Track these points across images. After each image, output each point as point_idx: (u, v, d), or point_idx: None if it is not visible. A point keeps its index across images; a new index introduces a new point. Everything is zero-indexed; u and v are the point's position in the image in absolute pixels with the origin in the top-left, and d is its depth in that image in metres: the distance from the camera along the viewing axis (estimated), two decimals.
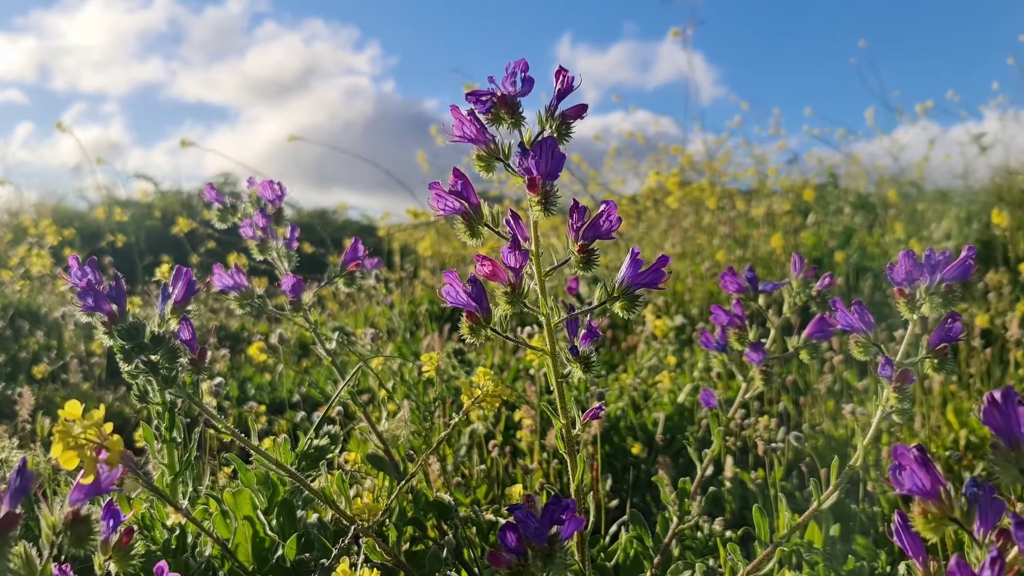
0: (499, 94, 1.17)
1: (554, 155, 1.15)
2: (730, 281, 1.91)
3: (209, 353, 1.64)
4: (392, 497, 1.67)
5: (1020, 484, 0.87)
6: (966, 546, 0.89)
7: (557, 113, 1.19)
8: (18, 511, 0.94)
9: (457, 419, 1.64)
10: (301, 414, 2.90)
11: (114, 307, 1.37)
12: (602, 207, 1.22)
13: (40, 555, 0.97)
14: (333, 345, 2.02)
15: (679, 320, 3.94)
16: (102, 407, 0.99)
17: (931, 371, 1.41)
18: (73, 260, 1.41)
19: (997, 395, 0.87)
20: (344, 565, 1.27)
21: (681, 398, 3.06)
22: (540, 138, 1.18)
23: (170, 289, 1.47)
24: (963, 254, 1.34)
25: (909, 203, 7.20)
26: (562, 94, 1.18)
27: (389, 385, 2.41)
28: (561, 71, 1.17)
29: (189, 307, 1.50)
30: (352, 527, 1.54)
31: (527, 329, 3.08)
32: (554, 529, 0.92)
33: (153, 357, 1.34)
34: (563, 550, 0.92)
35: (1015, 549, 0.81)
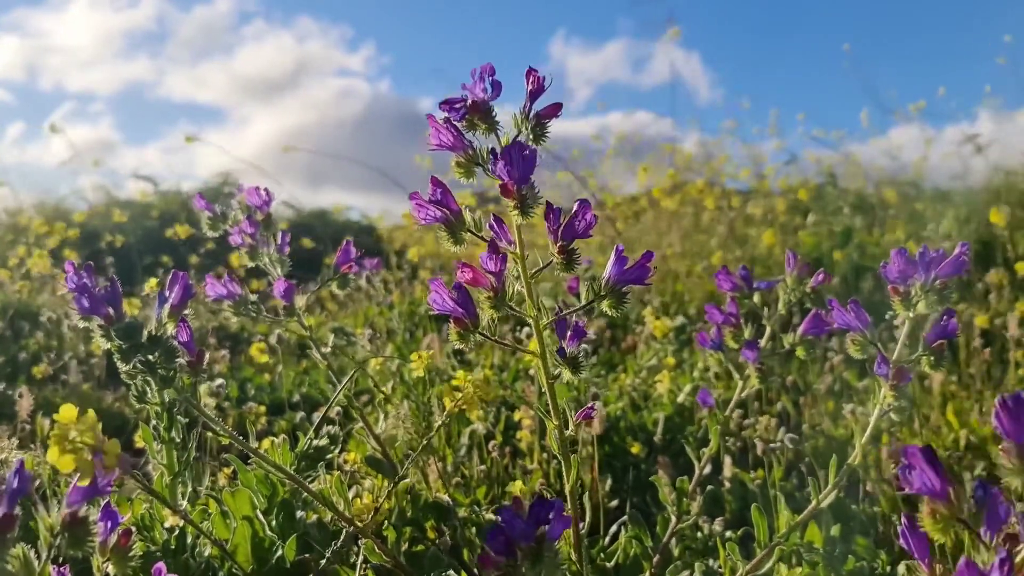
0: (471, 101, 1.17)
1: (524, 158, 1.16)
2: (724, 280, 1.92)
3: (208, 354, 1.65)
4: (387, 496, 1.67)
5: None
6: (970, 548, 0.89)
7: (532, 114, 1.19)
8: (16, 513, 0.94)
9: (440, 422, 1.66)
10: (301, 414, 2.90)
11: (110, 310, 1.37)
12: (575, 208, 1.22)
13: (38, 557, 0.97)
14: (327, 349, 2.02)
15: (679, 320, 3.95)
16: (90, 411, 0.99)
17: (928, 368, 1.41)
18: (69, 265, 1.41)
19: (1008, 399, 0.88)
20: None
21: (681, 398, 3.06)
22: (510, 143, 1.18)
23: (166, 292, 1.47)
24: (956, 250, 1.34)
25: (908, 203, 7.20)
26: (534, 95, 1.18)
27: (389, 385, 2.41)
28: (531, 71, 1.17)
29: (186, 310, 1.50)
30: (351, 528, 1.55)
31: (526, 329, 3.08)
32: (541, 529, 0.93)
33: (150, 357, 1.34)
34: (552, 550, 0.93)
35: (1023, 551, 0.81)
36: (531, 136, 1.19)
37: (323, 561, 1.57)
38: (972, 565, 0.76)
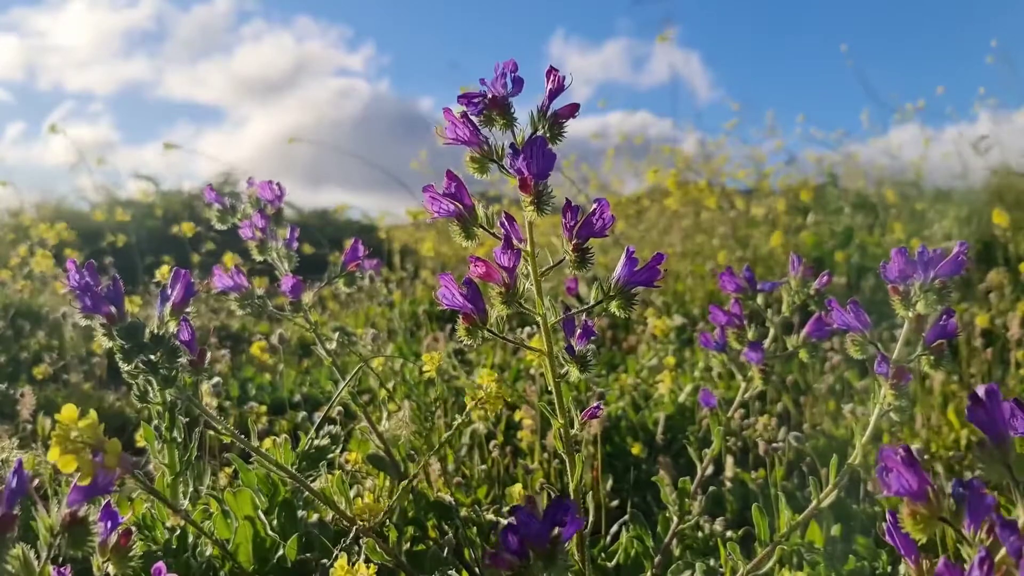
0: (490, 96, 1.17)
1: (544, 155, 1.15)
2: (728, 281, 1.92)
3: (209, 354, 1.65)
4: (394, 499, 1.67)
5: (1006, 480, 0.87)
6: (962, 545, 0.89)
7: (549, 113, 1.19)
8: (16, 512, 0.94)
9: (460, 421, 1.64)
10: (302, 414, 2.90)
11: (112, 309, 1.37)
12: (594, 206, 1.22)
13: (38, 557, 0.97)
14: (333, 345, 2.02)
15: (679, 320, 3.94)
16: (92, 412, 0.99)
17: (928, 368, 1.41)
18: (71, 263, 1.41)
19: (981, 392, 0.88)
20: (343, 560, 1.26)
21: (682, 398, 3.06)
22: (532, 138, 1.18)
23: (168, 291, 1.47)
24: (955, 249, 1.34)
25: (908, 203, 7.20)
26: (554, 94, 1.18)
27: (390, 385, 2.41)
28: (552, 71, 1.17)
29: (188, 308, 1.50)
30: (352, 528, 1.54)
31: (527, 329, 3.07)
32: (555, 531, 0.92)
33: (152, 357, 1.34)
34: (564, 552, 0.92)
35: (1004, 549, 0.81)
36: (548, 135, 1.19)
37: (327, 560, 1.57)
38: (951, 565, 0.76)
